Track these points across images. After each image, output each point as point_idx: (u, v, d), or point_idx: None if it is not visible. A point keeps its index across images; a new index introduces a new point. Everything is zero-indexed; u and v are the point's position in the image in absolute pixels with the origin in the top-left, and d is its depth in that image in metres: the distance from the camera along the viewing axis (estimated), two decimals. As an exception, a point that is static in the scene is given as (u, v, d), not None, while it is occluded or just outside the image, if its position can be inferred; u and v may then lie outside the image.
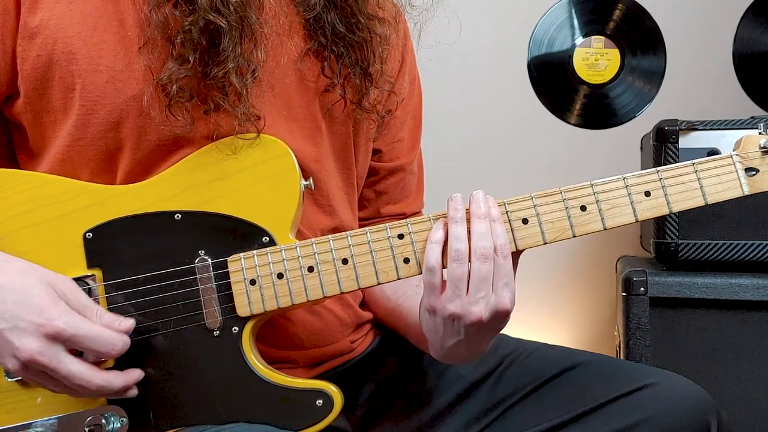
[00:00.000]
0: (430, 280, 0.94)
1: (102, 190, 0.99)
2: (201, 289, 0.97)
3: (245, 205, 0.98)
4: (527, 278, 2.38)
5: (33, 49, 0.96)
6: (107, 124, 0.97)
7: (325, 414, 0.97)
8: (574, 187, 0.96)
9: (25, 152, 1.05)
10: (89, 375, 0.89)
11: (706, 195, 0.95)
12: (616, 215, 0.96)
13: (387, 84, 1.12)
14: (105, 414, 0.95)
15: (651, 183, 0.96)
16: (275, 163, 0.99)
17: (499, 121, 2.39)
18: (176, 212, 0.98)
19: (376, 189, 1.25)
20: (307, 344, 1.11)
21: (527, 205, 0.96)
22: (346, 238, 0.97)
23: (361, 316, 1.20)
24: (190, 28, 0.93)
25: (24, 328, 0.86)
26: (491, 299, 0.93)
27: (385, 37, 1.09)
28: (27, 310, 0.86)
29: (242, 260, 0.97)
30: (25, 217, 0.97)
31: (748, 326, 1.67)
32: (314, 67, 1.08)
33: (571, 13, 2.36)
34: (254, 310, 0.97)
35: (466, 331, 0.94)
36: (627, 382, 1.04)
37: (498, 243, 0.93)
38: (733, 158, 0.96)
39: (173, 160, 0.99)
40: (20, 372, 0.88)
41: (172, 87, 0.94)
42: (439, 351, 1.01)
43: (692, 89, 2.32)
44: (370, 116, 1.12)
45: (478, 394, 1.16)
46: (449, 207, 0.95)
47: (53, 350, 0.86)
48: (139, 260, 0.97)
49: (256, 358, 0.98)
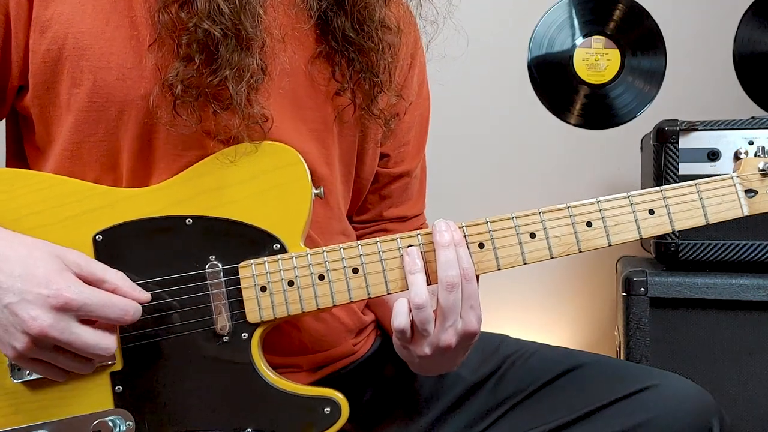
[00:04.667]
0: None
1: (112, 192, 0.98)
2: (211, 294, 0.97)
3: (256, 211, 0.98)
4: (528, 278, 2.40)
5: (44, 42, 0.96)
6: (116, 121, 0.97)
7: (332, 422, 0.98)
8: (581, 203, 0.98)
9: (33, 147, 1.05)
10: (108, 342, 0.88)
11: (707, 215, 0.99)
12: (621, 232, 0.98)
13: (396, 89, 1.13)
14: (111, 417, 0.95)
15: (655, 201, 0.98)
16: (287, 171, 0.99)
17: (499, 121, 2.40)
18: (187, 217, 0.98)
19: (381, 193, 1.26)
20: (311, 349, 1.11)
21: (535, 219, 0.98)
22: (357, 248, 0.98)
23: (363, 321, 1.21)
24: (194, 29, 0.93)
25: (32, 301, 0.83)
26: (459, 325, 0.95)
27: (395, 44, 1.10)
28: (33, 282, 0.84)
29: (253, 267, 0.97)
30: (38, 217, 0.96)
31: (748, 326, 1.67)
32: (325, 71, 1.08)
33: (571, 13, 2.37)
34: (264, 317, 0.97)
35: (436, 354, 0.97)
36: (629, 383, 1.05)
37: (462, 267, 0.94)
38: (734, 180, 0.99)
39: (180, 161, 0.99)
40: (29, 351, 0.85)
41: (178, 87, 0.94)
42: (412, 367, 1.04)
43: (692, 89, 2.32)
44: (378, 121, 1.12)
45: (479, 395, 1.16)
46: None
47: (64, 322, 0.84)
48: (149, 264, 0.97)
49: (264, 364, 0.98)
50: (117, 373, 0.96)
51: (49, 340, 0.84)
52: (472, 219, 0.97)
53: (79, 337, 0.86)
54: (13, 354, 0.87)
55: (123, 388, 0.96)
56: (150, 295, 0.94)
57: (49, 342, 0.85)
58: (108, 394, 0.96)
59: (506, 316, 2.34)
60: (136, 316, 0.90)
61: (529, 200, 2.34)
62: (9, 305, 0.84)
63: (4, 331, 0.86)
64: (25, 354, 0.86)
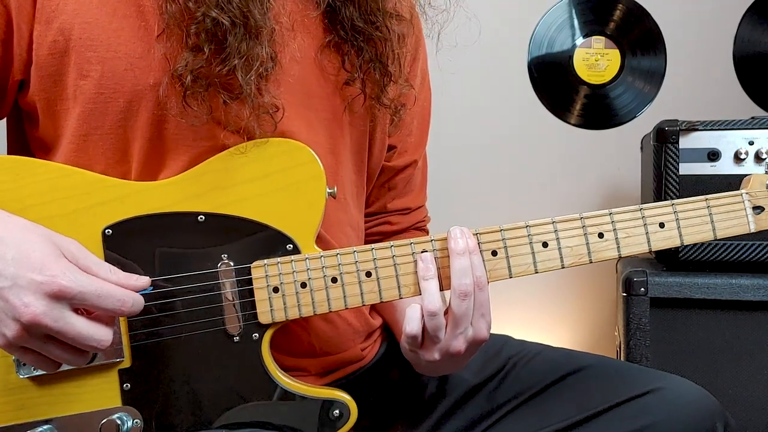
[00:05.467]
0: None
1: (122, 185, 0.96)
2: (223, 294, 0.96)
3: (270, 210, 0.97)
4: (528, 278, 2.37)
5: (50, 33, 0.95)
6: (125, 112, 0.96)
7: (341, 424, 0.98)
8: (594, 214, 0.99)
9: (37, 141, 1.04)
10: (102, 333, 0.84)
11: (716, 230, 1.01)
12: (631, 244, 0.99)
13: (404, 79, 1.12)
14: (119, 414, 0.95)
15: (666, 215, 0.99)
16: (301, 170, 0.98)
17: (500, 121, 2.40)
18: (200, 213, 0.96)
19: (386, 185, 1.26)
20: (319, 352, 1.10)
21: (548, 229, 0.98)
22: (371, 251, 0.97)
23: (371, 324, 1.20)
24: (203, 18, 0.92)
25: (24, 286, 0.79)
26: (469, 333, 0.96)
27: (402, 34, 1.10)
28: (27, 266, 0.80)
29: (266, 267, 0.96)
30: (44, 208, 0.93)
31: (748, 326, 1.67)
32: (335, 60, 1.08)
33: (572, 13, 2.37)
34: (276, 318, 0.97)
35: (444, 358, 0.98)
36: (633, 386, 1.04)
37: (476, 275, 0.95)
38: (743, 196, 1.01)
39: (190, 152, 0.98)
40: (20, 339, 0.81)
41: (187, 77, 0.93)
42: (417, 368, 1.06)
43: (692, 89, 2.32)
44: (387, 111, 1.12)
45: (482, 396, 1.16)
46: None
47: (58, 310, 0.81)
48: (159, 261, 0.95)
49: (274, 365, 0.98)
50: (125, 370, 0.96)
51: (41, 329, 0.81)
52: (469, 218, 0.97)
53: (73, 326, 0.82)
54: (2, 342, 0.83)
55: (131, 386, 0.96)
56: (149, 279, 0.91)
57: (41, 330, 0.81)
58: (116, 391, 0.96)
59: (506, 316, 2.35)
60: (135, 307, 0.87)
61: (529, 201, 2.34)
62: (0, 290, 0.80)
63: None
64: (15, 342, 0.82)
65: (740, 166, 1.69)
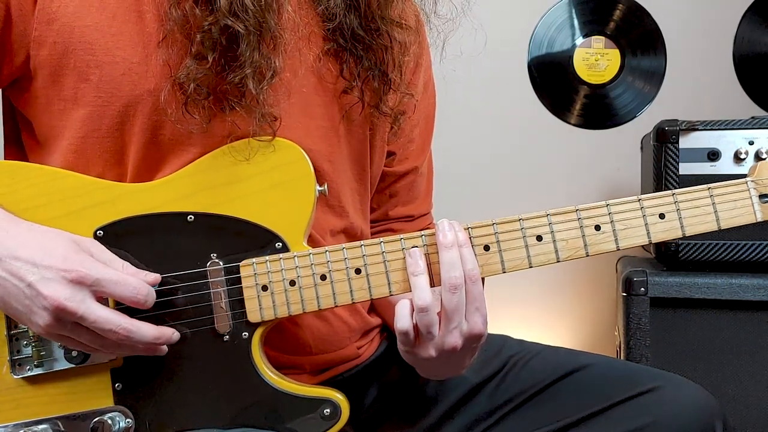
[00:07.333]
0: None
1: (114, 187, 0.97)
2: (212, 293, 0.96)
3: (259, 209, 0.97)
4: (528, 278, 2.39)
5: (50, 35, 0.95)
6: (122, 116, 0.96)
7: (332, 423, 0.97)
8: (590, 206, 0.96)
9: (33, 140, 1.04)
10: (117, 319, 0.88)
11: (719, 220, 0.96)
12: (630, 236, 0.96)
13: (404, 88, 1.11)
14: (111, 414, 0.95)
15: (666, 206, 0.96)
16: (290, 168, 0.98)
17: (500, 121, 2.40)
18: (189, 214, 0.96)
19: (387, 192, 1.25)
20: (315, 350, 1.10)
21: (543, 222, 0.96)
22: (360, 248, 0.96)
23: (369, 323, 1.19)
24: (210, 27, 0.92)
25: (50, 277, 0.86)
26: (464, 327, 0.94)
27: (404, 43, 1.08)
28: (52, 260, 0.86)
29: (254, 265, 0.96)
30: (39, 211, 0.95)
31: (748, 326, 1.67)
32: (333, 68, 1.07)
33: (571, 13, 2.37)
34: (265, 317, 0.96)
35: (441, 356, 0.96)
36: (632, 385, 1.04)
37: (467, 269, 0.93)
38: (749, 184, 0.96)
39: (186, 157, 0.98)
40: (53, 327, 0.87)
41: (190, 85, 0.93)
42: (419, 371, 1.04)
43: (692, 89, 2.33)
44: (386, 119, 1.11)
45: (481, 396, 1.15)
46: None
47: (80, 295, 0.86)
48: (149, 261, 0.96)
49: (264, 364, 0.97)
50: (117, 370, 0.96)
51: (67, 315, 0.86)
52: (470, 218, 0.96)
53: (93, 311, 0.87)
54: (39, 330, 0.89)
55: (123, 386, 0.96)
56: (159, 275, 0.94)
57: (67, 317, 0.86)
58: (108, 391, 0.96)
59: (506, 316, 2.35)
60: (149, 298, 0.91)
61: (529, 200, 2.34)
62: (31, 284, 0.86)
63: (29, 309, 0.87)
64: (49, 330, 0.88)
65: (740, 166, 1.70)
